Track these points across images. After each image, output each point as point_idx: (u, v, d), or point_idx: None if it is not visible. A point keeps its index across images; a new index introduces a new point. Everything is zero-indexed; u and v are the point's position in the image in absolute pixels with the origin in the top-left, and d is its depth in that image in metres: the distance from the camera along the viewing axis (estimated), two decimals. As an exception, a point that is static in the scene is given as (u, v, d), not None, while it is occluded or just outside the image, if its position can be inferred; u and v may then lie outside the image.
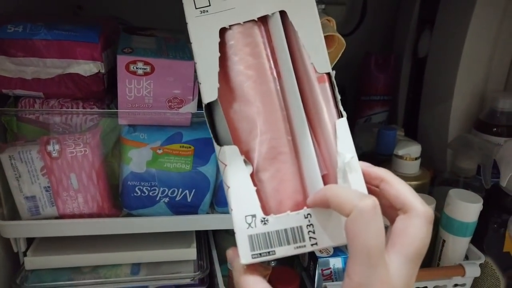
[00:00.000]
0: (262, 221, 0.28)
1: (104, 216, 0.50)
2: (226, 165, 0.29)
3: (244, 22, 0.31)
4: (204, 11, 0.31)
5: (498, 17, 0.65)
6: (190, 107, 0.46)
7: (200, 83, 0.30)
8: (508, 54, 0.69)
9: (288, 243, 0.28)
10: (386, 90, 0.83)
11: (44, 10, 0.66)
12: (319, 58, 0.30)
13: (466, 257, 0.59)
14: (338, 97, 0.30)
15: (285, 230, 0.28)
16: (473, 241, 0.58)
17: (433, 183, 0.70)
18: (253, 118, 0.30)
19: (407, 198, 0.27)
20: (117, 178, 0.50)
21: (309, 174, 0.30)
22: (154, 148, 0.47)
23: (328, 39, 0.46)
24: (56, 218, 0.49)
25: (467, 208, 0.55)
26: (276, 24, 0.31)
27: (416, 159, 0.65)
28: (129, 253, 0.52)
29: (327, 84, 0.30)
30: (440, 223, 0.59)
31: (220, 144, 0.30)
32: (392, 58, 0.82)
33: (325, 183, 0.29)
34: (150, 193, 0.49)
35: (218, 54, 0.30)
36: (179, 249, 0.54)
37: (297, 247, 0.28)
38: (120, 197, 0.51)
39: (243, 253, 0.28)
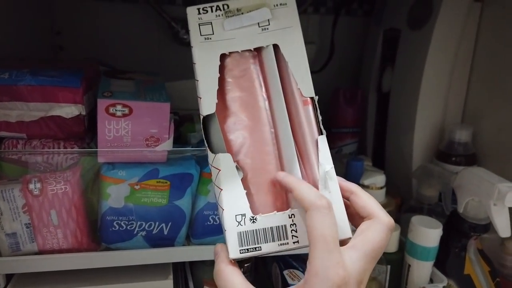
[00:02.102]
0: (251, 219, 0.32)
1: (83, 250, 0.52)
2: (219, 170, 0.33)
3: (241, 51, 0.36)
4: (208, 38, 0.36)
5: (451, 56, 0.71)
6: (166, 145, 0.49)
7: (200, 98, 0.35)
8: (463, 89, 0.75)
9: (273, 240, 0.31)
10: (354, 122, 0.88)
11: (27, 50, 0.69)
12: (305, 85, 0.35)
13: (431, 280, 0.62)
14: (320, 117, 0.35)
15: (271, 228, 0.31)
16: (436, 265, 0.62)
17: (400, 210, 0.74)
18: (245, 134, 0.35)
19: (372, 208, 0.32)
20: (96, 213, 0.52)
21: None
22: (132, 184, 0.50)
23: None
24: (36, 253, 0.51)
25: (428, 233, 0.59)
26: (269, 54, 0.36)
27: (381, 188, 0.69)
28: (108, 286, 0.54)
29: (310, 107, 0.35)
30: (405, 248, 0.62)
31: (214, 152, 0.34)
32: (359, 93, 0.87)
33: None
34: (128, 227, 0.51)
35: (218, 75, 0.35)
36: (156, 281, 0.55)
37: (281, 244, 0.31)
38: (98, 232, 0.53)
39: (232, 249, 0.31)
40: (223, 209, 0.32)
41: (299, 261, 0.61)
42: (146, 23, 0.85)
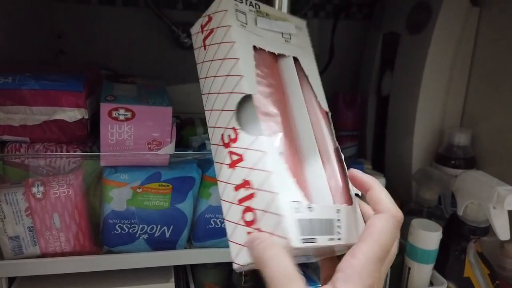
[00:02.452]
0: (307, 207, 0.29)
1: (85, 253, 0.52)
2: (265, 152, 0.30)
3: (268, 51, 0.37)
4: (243, 25, 0.36)
5: (450, 59, 0.71)
6: (168, 149, 0.50)
7: (242, 76, 0.33)
8: (462, 92, 0.75)
9: (325, 233, 0.29)
10: (354, 126, 0.89)
11: (29, 53, 0.70)
12: (322, 99, 0.37)
13: (431, 283, 0.63)
14: (333, 131, 0.36)
15: (325, 220, 0.29)
16: (436, 268, 0.62)
17: (400, 213, 0.74)
18: (278, 125, 0.33)
19: (383, 205, 0.31)
20: (98, 216, 0.53)
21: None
22: (134, 187, 0.50)
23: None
24: (38, 257, 0.51)
25: (427, 236, 0.59)
26: (290, 64, 0.38)
27: (381, 191, 0.69)
28: (110, 290, 0.54)
29: (326, 120, 0.36)
30: (405, 251, 0.63)
31: (253, 134, 0.31)
32: (359, 97, 0.88)
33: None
34: (130, 230, 0.52)
35: (253, 52, 0.35)
36: (158, 284, 0.55)
37: (330, 239, 0.29)
38: (100, 235, 0.53)
39: (293, 236, 0.27)
40: (276, 193, 0.28)
41: (301, 265, 0.61)
42: (147, 27, 0.85)
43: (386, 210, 0.30)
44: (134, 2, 0.84)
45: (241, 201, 0.30)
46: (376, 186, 0.32)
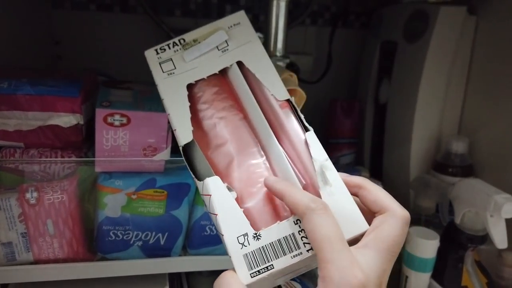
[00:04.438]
0: (254, 237, 0.29)
1: (78, 260, 0.52)
2: (210, 195, 0.31)
3: (207, 77, 0.37)
4: (171, 73, 0.37)
5: (447, 68, 0.71)
6: (164, 155, 0.49)
7: (175, 129, 0.34)
8: (459, 100, 0.75)
9: (284, 254, 0.28)
10: (352, 133, 0.89)
11: (26, 59, 0.70)
12: (277, 90, 0.36)
13: (428, 292, 0.62)
14: (301, 116, 0.34)
15: (279, 240, 0.28)
16: (434, 276, 0.62)
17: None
18: (230, 152, 0.34)
19: (384, 201, 0.28)
20: (92, 223, 0.52)
21: None
22: (129, 193, 0.50)
23: (291, 92, 0.51)
24: (31, 263, 0.51)
25: (425, 245, 0.59)
26: (235, 72, 0.37)
27: (378, 199, 0.69)
28: (103, 297, 0.54)
29: (289, 109, 0.35)
30: (403, 260, 0.62)
31: (201, 179, 0.32)
32: (356, 104, 0.88)
33: None
34: (124, 237, 0.51)
35: (188, 104, 0.35)
36: (152, 292, 0.55)
37: (294, 256, 0.28)
38: (94, 242, 0.52)
39: (242, 274, 0.28)
40: (223, 235, 0.29)
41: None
42: (145, 34, 0.85)
43: (389, 209, 0.28)
44: (132, 9, 0.84)
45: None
46: (368, 185, 0.30)
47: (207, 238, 0.54)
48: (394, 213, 0.28)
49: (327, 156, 0.32)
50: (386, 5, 0.84)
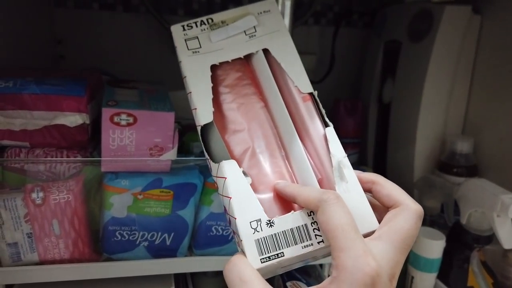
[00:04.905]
0: (267, 223, 0.29)
1: (84, 261, 0.51)
2: (226, 178, 0.30)
3: (232, 60, 0.36)
4: (195, 52, 0.36)
5: (452, 67, 0.71)
6: (170, 155, 0.49)
7: (195, 108, 0.34)
8: (463, 100, 0.75)
9: (296, 243, 0.28)
10: (355, 133, 0.88)
11: (29, 59, 0.69)
12: (301, 82, 0.35)
13: (434, 293, 0.62)
14: (323, 111, 0.34)
15: (291, 229, 0.28)
16: (439, 277, 0.62)
17: (402, 221, 0.74)
18: (247, 139, 0.34)
19: (398, 196, 0.29)
20: (98, 223, 0.52)
21: (305, 180, 0.32)
22: (135, 193, 0.49)
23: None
24: (37, 264, 0.50)
25: (431, 245, 0.59)
26: (260, 59, 0.37)
27: (383, 199, 0.69)
28: (108, 298, 0.53)
29: (310, 103, 0.34)
30: (409, 260, 0.62)
31: (216, 161, 0.31)
32: (360, 104, 0.88)
33: (321, 187, 0.31)
34: (130, 238, 0.51)
35: (211, 84, 0.34)
36: (158, 292, 0.55)
37: (305, 246, 0.28)
38: (100, 242, 0.52)
39: (252, 258, 0.28)
40: (236, 218, 0.29)
41: (302, 273, 0.60)
42: (148, 33, 0.85)
43: (402, 203, 0.28)
44: (135, 8, 0.84)
45: (228, 225, 0.31)
46: (382, 180, 0.30)
47: (213, 239, 0.54)
48: (408, 207, 0.28)
49: (345, 154, 0.32)
50: (390, 4, 0.84)
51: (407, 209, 0.28)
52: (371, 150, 0.90)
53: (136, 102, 0.49)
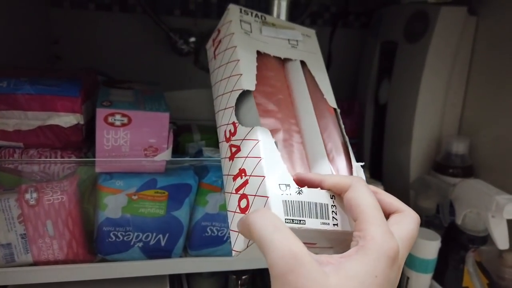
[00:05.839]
0: (296, 191, 0.30)
1: (78, 262, 0.51)
2: (258, 141, 0.31)
3: (273, 56, 0.40)
4: (247, 33, 0.40)
5: (448, 68, 0.71)
6: (165, 155, 0.49)
7: (242, 74, 0.36)
8: (459, 101, 0.75)
9: (317, 217, 0.29)
10: (352, 134, 0.88)
11: (25, 59, 0.69)
12: (330, 97, 0.39)
13: (430, 293, 0.62)
14: (342, 126, 0.38)
15: (316, 204, 0.30)
16: (435, 277, 0.62)
17: (398, 222, 0.74)
18: (275, 121, 0.35)
19: (399, 204, 0.31)
20: (92, 224, 0.52)
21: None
22: (130, 194, 0.49)
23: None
24: (30, 265, 0.50)
25: (426, 245, 0.59)
26: (296, 66, 0.40)
27: (379, 199, 0.69)
28: (103, 299, 0.53)
29: (334, 116, 0.38)
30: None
31: (247, 125, 0.33)
32: (356, 105, 0.88)
33: None
34: (125, 238, 0.51)
35: (256, 63, 0.37)
36: (152, 293, 0.55)
37: (323, 223, 0.29)
38: (94, 243, 0.52)
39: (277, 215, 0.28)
40: (264, 176, 0.29)
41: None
42: (144, 34, 0.85)
43: (404, 210, 0.30)
44: (132, 9, 0.84)
45: (237, 190, 0.32)
46: (382, 192, 0.32)
47: (207, 239, 0.54)
48: (410, 213, 0.30)
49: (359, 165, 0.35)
50: (386, 5, 0.84)
51: (409, 215, 0.30)
52: (368, 151, 0.90)
53: (131, 102, 0.49)
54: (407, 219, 0.30)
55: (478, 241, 0.59)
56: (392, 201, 0.31)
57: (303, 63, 0.40)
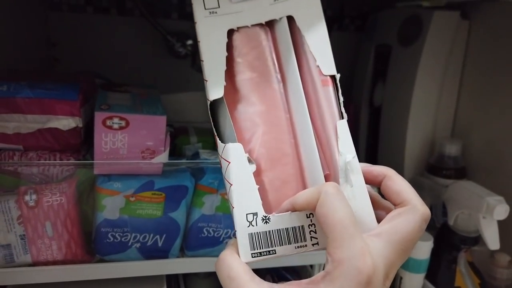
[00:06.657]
0: (263, 219, 0.28)
1: (77, 262, 0.52)
2: (229, 162, 0.29)
3: (251, 25, 0.32)
4: (213, 12, 0.32)
5: (441, 71, 0.73)
6: (162, 158, 0.50)
7: (207, 80, 0.31)
8: (452, 103, 0.77)
9: (289, 243, 0.28)
10: (347, 136, 0.89)
11: (23, 61, 0.70)
12: (325, 61, 0.31)
13: (422, 293, 0.63)
14: (341, 99, 0.31)
15: (287, 229, 0.28)
16: (427, 277, 0.63)
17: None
18: (256, 119, 0.31)
19: (408, 194, 0.27)
20: (91, 225, 0.52)
21: (312, 174, 0.30)
22: (127, 195, 0.50)
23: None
24: (30, 265, 0.51)
25: (419, 246, 0.60)
26: (283, 28, 0.32)
27: (373, 201, 0.70)
28: (101, 299, 0.54)
29: (330, 88, 0.31)
30: (397, 261, 0.63)
31: (223, 142, 0.30)
32: (351, 107, 0.89)
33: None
34: (123, 239, 0.52)
35: (225, 54, 0.31)
36: (150, 293, 0.55)
37: (298, 247, 0.28)
38: (93, 243, 0.53)
39: (243, 252, 0.27)
40: (233, 207, 0.28)
41: (293, 274, 0.61)
42: (142, 37, 0.86)
43: (410, 203, 0.27)
44: (129, 12, 0.84)
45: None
46: (394, 175, 0.29)
47: (204, 240, 0.55)
48: (415, 208, 0.27)
49: (354, 153, 0.29)
50: (381, 9, 0.85)
51: (413, 210, 0.27)
52: (363, 153, 0.91)
53: (128, 106, 0.49)
54: (406, 216, 0.26)
55: (470, 241, 0.61)
56: (401, 190, 0.28)
57: (292, 20, 0.32)
